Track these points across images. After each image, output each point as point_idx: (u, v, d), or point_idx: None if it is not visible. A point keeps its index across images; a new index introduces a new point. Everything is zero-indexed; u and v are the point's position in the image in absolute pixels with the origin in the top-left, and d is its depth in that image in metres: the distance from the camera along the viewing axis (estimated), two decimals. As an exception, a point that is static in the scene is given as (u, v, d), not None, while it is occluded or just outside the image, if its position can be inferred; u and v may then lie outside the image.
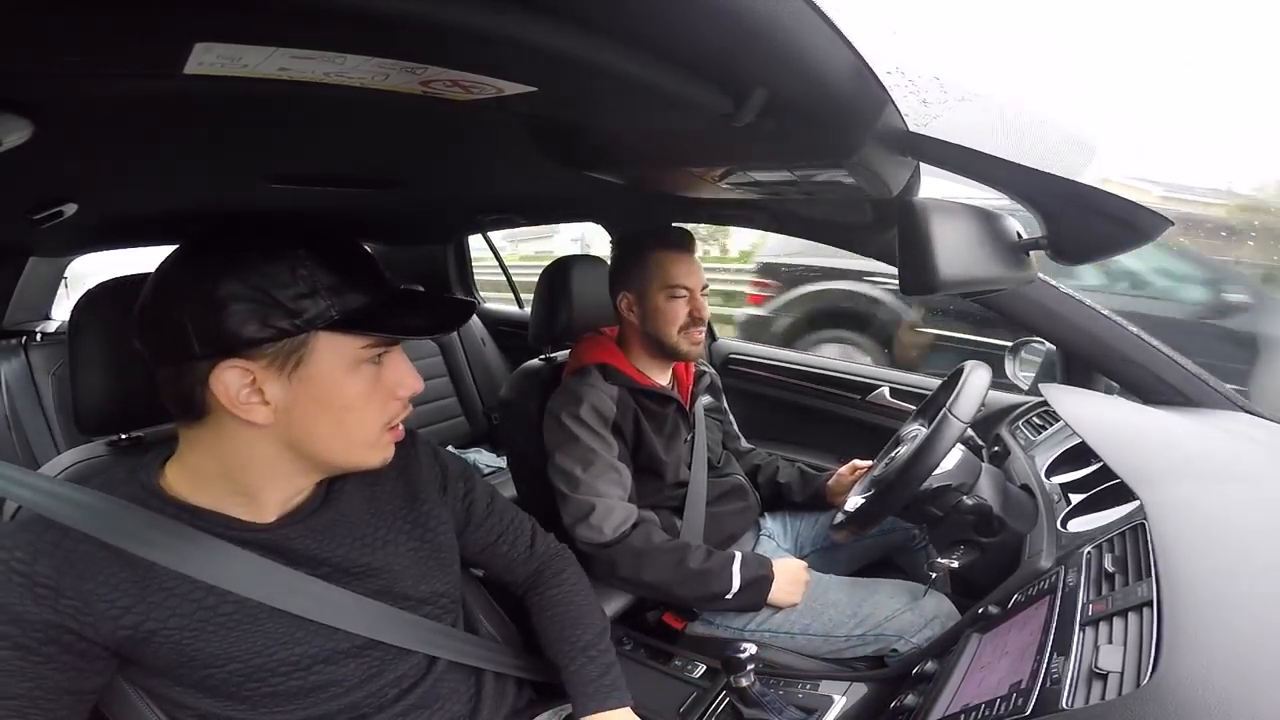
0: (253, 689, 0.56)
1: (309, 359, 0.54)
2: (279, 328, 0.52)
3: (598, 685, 0.75)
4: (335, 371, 0.55)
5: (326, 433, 0.57)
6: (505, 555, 0.81)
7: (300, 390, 0.54)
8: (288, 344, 0.53)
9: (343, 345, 0.55)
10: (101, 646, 0.52)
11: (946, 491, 0.90)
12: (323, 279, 0.54)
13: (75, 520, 0.52)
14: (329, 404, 0.56)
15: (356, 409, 0.57)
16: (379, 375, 0.58)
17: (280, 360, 0.53)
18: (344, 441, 0.58)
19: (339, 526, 0.63)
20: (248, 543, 0.57)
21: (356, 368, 0.56)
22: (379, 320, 0.56)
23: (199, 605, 0.54)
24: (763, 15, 0.37)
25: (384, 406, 0.59)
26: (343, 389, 0.56)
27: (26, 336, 1.71)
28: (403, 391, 0.60)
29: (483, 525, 0.79)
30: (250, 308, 0.51)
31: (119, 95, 0.42)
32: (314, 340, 0.53)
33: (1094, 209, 0.62)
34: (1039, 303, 1.05)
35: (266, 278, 0.52)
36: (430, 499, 0.71)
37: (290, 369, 0.53)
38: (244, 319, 0.51)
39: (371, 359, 0.57)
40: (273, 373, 0.53)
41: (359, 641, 0.61)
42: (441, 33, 0.34)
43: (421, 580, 0.68)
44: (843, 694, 0.89)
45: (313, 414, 0.55)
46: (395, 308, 0.58)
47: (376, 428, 0.59)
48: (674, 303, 1.09)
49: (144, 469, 0.58)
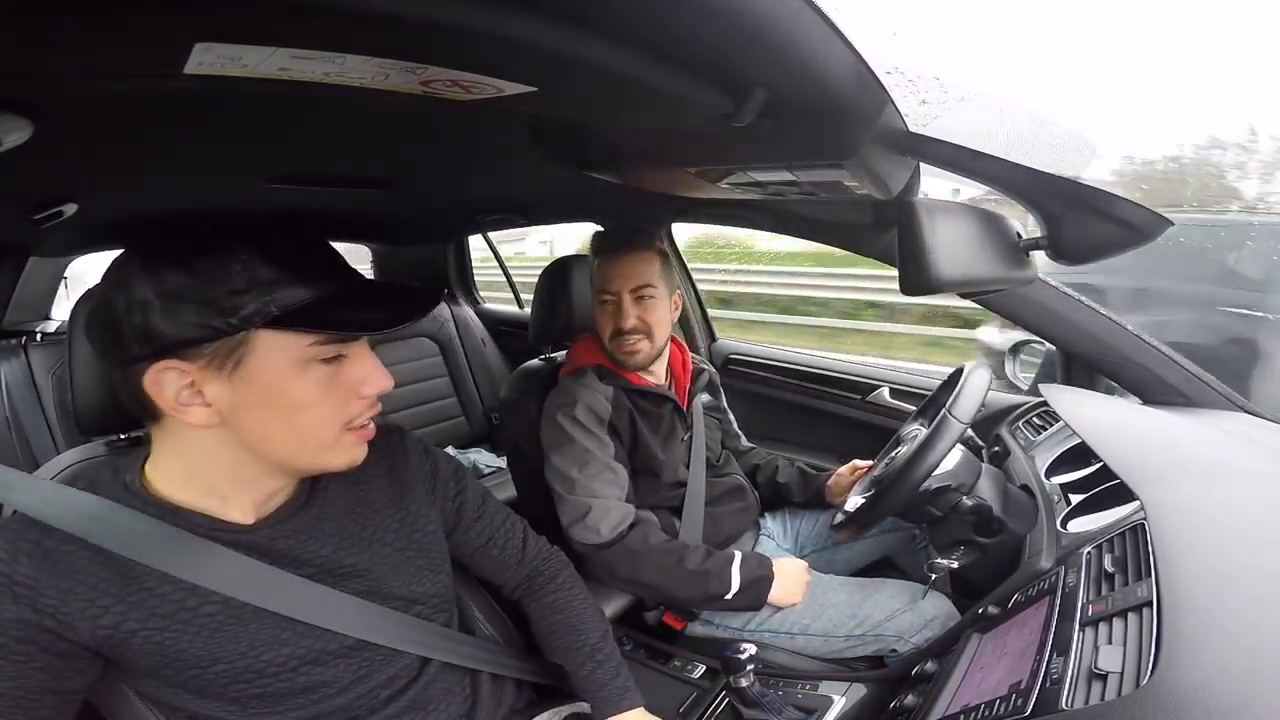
0: (240, 690, 0.56)
1: (249, 359, 0.51)
2: (212, 326, 0.49)
3: (611, 689, 0.75)
4: (279, 371, 0.52)
5: (278, 435, 0.54)
6: (496, 559, 0.80)
7: (244, 391, 0.52)
8: (225, 343, 0.50)
9: (286, 343, 0.52)
10: (81, 646, 0.52)
11: (946, 492, 0.90)
12: (262, 273, 0.51)
13: (58, 520, 0.52)
14: (277, 405, 0.53)
15: (308, 409, 0.54)
16: (337, 374, 0.55)
17: (219, 360, 0.51)
18: (297, 444, 0.56)
19: (323, 526, 0.62)
20: (230, 543, 0.56)
21: (305, 367, 0.53)
22: (324, 316, 0.53)
23: (180, 606, 0.54)
24: (762, 15, 0.37)
25: (342, 406, 0.56)
26: (290, 389, 0.53)
27: (26, 336, 1.71)
28: (367, 390, 0.57)
29: (472, 528, 0.77)
30: (182, 306, 0.49)
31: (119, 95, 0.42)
32: (254, 339, 0.51)
33: (1094, 209, 0.62)
34: (1039, 303, 1.05)
35: (199, 274, 0.49)
36: (418, 498, 0.70)
37: (230, 369, 0.51)
38: (175, 318, 0.49)
39: (322, 358, 0.54)
40: (211, 373, 0.51)
41: (348, 642, 0.61)
42: (441, 33, 0.34)
43: (411, 580, 0.67)
44: (842, 694, 0.89)
45: (260, 416, 0.53)
46: (346, 303, 0.55)
47: (333, 429, 0.56)
48: (602, 309, 1.07)
49: (127, 469, 0.58)
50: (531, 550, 0.83)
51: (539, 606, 0.81)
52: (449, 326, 2.23)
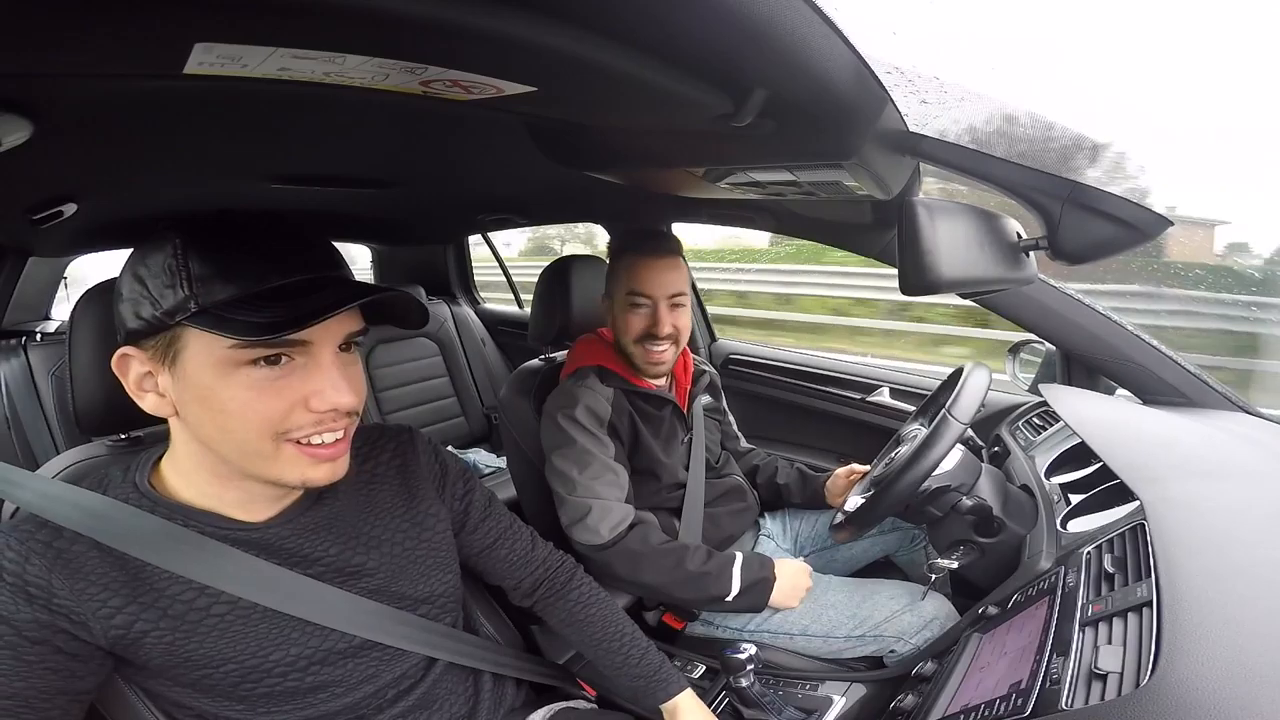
0: (249, 689, 0.56)
1: (183, 355, 0.51)
2: (144, 318, 0.50)
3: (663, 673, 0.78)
4: (207, 371, 0.51)
5: (214, 436, 0.53)
6: (503, 559, 0.80)
7: (182, 386, 0.52)
8: (162, 337, 0.51)
9: (211, 343, 0.50)
10: (94, 646, 0.52)
11: (946, 492, 0.90)
12: (195, 268, 0.49)
13: (69, 520, 0.52)
14: (206, 404, 0.52)
15: (235, 415, 0.51)
16: (278, 380, 0.52)
17: (160, 352, 0.52)
18: (233, 448, 0.53)
19: (332, 525, 0.62)
20: (238, 542, 0.57)
21: (237, 368, 0.50)
22: (246, 317, 0.49)
23: (190, 606, 0.54)
24: (763, 16, 0.37)
25: (277, 415, 0.52)
26: (217, 391, 0.51)
27: (26, 336, 1.71)
28: (317, 404, 0.52)
29: (479, 527, 0.78)
30: (135, 297, 0.51)
31: (119, 95, 0.42)
32: (184, 335, 0.50)
33: (1094, 209, 0.62)
34: (1039, 303, 1.05)
35: (146, 266, 0.51)
36: (428, 497, 0.71)
37: (170, 362, 0.52)
38: (129, 308, 0.51)
39: (253, 359, 0.50)
40: (156, 364, 0.52)
41: (356, 642, 0.61)
42: (442, 33, 0.34)
43: (419, 580, 0.67)
44: (842, 694, 0.89)
45: (196, 412, 0.53)
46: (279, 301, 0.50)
47: (265, 439, 0.52)
48: (632, 311, 1.04)
49: (137, 469, 0.58)
50: (540, 553, 0.82)
51: (565, 604, 0.81)
52: (449, 326, 2.23)
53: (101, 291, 0.66)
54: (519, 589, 0.82)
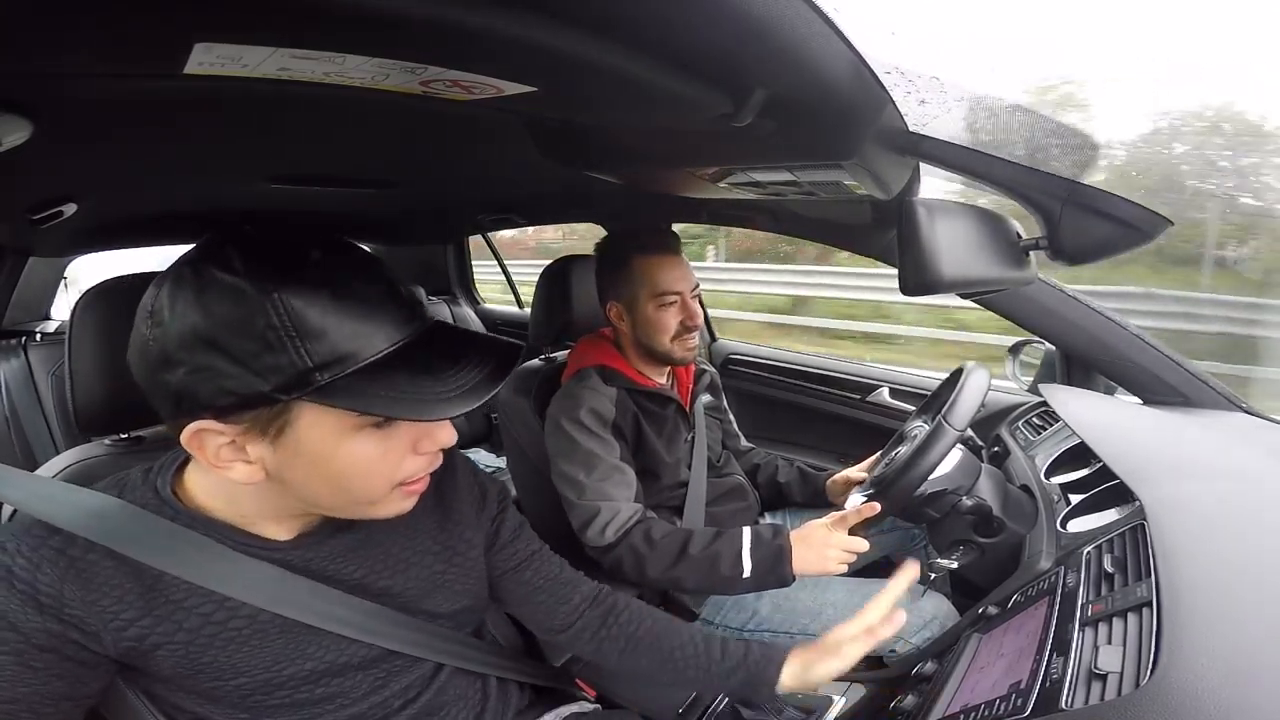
0: (259, 701, 0.55)
1: (293, 426, 0.46)
2: (243, 396, 0.43)
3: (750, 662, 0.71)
4: (328, 440, 0.47)
5: (324, 493, 0.51)
6: (529, 583, 0.75)
7: (288, 455, 0.47)
8: (263, 411, 0.45)
9: (334, 414, 0.45)
10: (104, 656, 0.51)
11: (946, 492, 0.90)
12: (307, 330, 0.42)
13: (79, 526, 0.50)
14: (322, 470, 0.48)
15: (358, 476, 0.49)
16: (391, 435, 0.49)
17: (260, 426, 0.46)
18: (346, 501, 0.52)
19: (361, 549, 0.60)
20: (264, 559, 0.55)
21: (358, 432, 0.47)
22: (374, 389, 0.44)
23: (207, 619, 0.53)
24: (762, 15, 0.37)
25: (397, 467, 0.51)
26: (339, 457, 0.48)
27: (26, 336, 1.71)
28: (427, 446, 0.52)
29: (507, 548, 0.74)
30: (210, 364, 0.42)
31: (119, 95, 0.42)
32: (296, 409, 0.45)
33: (1094, 209, 0.62)
34: (1039, 303, 1.05)
35: (228, 329, 0.42)
36: (465, 520, 0.68)
37: (273, 435, 0.46)
38: (204, 379, 0.43)
39: (377, 423, 0.48)
40: (253, 436, 0.46)
41: (371, 654, 0.60)
42: (442, 33, 0.34)
43: (443, 602, 0.65)
44: (842, 694, 0.89)
45: (306, 477, 0.49)
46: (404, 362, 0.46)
47: (385, 489, 0.52)
48: (664, 310, 1.05)
49: (159, 474, 0.56)
50: (570, 575, 0.77)
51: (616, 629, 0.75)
52: (449, 326, 2.23)
53: (102, 292, 0.66)
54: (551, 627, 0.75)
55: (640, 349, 1.11)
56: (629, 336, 1.11)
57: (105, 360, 0.65)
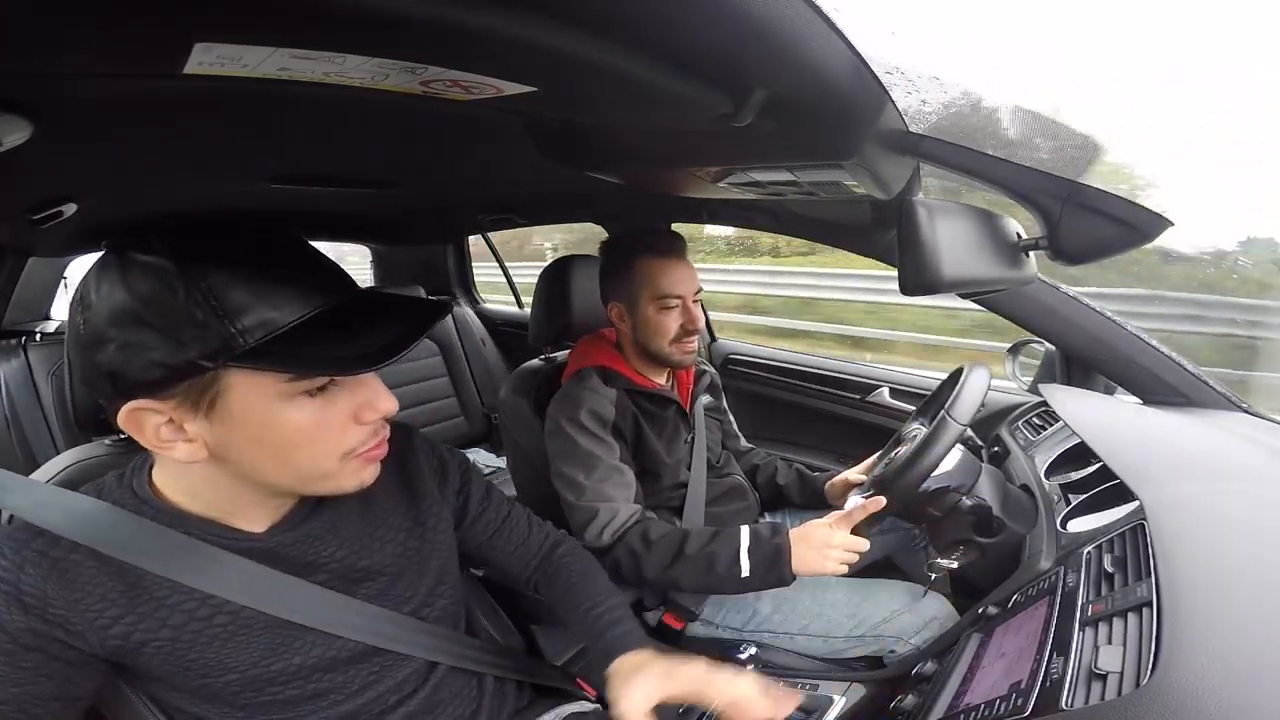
0: (250, 697, 0.56)
1: (225, 396, 0.46)
2: (167, 366, 0.43)
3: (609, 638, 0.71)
4: (260, 410, 0.47)
5: (272, 469, 0.51)
6: (502, 549, 0.79)
7: (225, 429, 0.47)
8: (194, 383, 0.45)
9: (261, 380, 0.46)
10: (91, 655, 0.51)
11: (946, 492, 0.90)
12: (229, 298, 0.44)
13: (63, 527, 0.50)
14: (263, 442, 0.49)
15: (300, 445, 0.49)
16: (331, 402, 0.50)
17: (192, 399, 0.46)
18: (295, 476, 0.52)
19: (334, 531, 0.61)
20: (241, 551, 0.55)
21: (291, 400, 0.48)
22: (301, 352, 0.46)
23: (191, 616, 0.53)
24: (762, 15, 0.37)
25: (340, 437, 0.51)
26: (275, 425, 0.48)
27: (26, 336, 1.71)
28: (368, 415, 0.53)
29: (479, 520, 0.77)
30: (138, 341, 0.43)
31: (119, 95, 0.42)
32: (225, 377, 0.45)
33: (1094, 209, 0.62)
34: (1039, 302, 1.05)
35: (151, 302, 0.43)
36: (430, 494, 0.70)
37: (206, 407, 0.46)
38: (133, 356, 0.43)
39: (309, 390, 0.48)
40: (186, 411, 0.46)
41: (359, 649, 0.60)
42: (442, 33, 0.34)
43: (421, 580, 0.67)
44: (842, 694, 0.89)
45: (249, 451, 0.49)
46: (329, 325, 0.48)
47: (332, 459, 0.52)
48: (665, 314, 1.05)
49: (133, 474, 0.56)
50: (537, 535, 0.82)
51: (547, 583, 0.80)
52: (449, 326, 2.23)
53: None
54: (521, 575, 0.81)
55: (640, 350, 1.10)
56: (629, 337, 1.10)
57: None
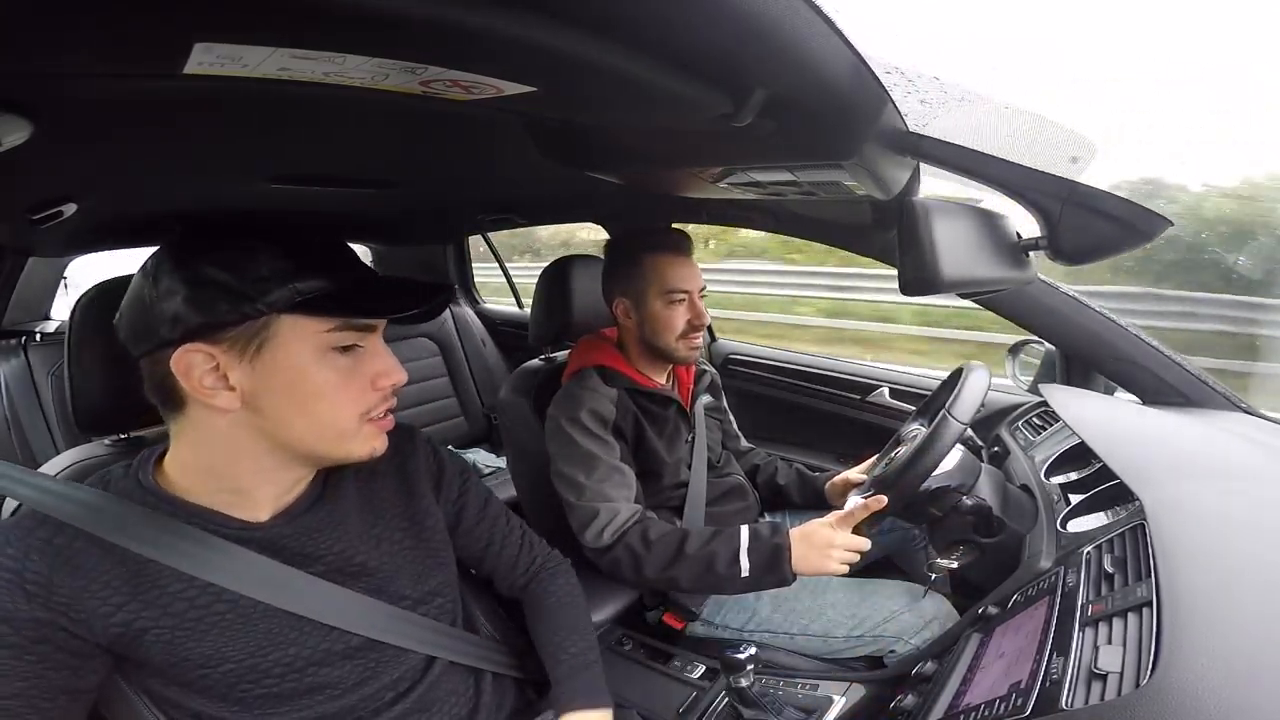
0: (246, 690, 0.56)
1: (271, 343, 0.53)
2: (239, 310, 0.52)
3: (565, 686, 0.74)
4: (300, 357, 0.54)
5: (298, 422, 0.56)
6: (493, 561, 0.81)
7: (265, 376, 0.54)
8: (248, 327, 0.52)
9: (306, 330, 0.54)
10: (94, 644, 0.52)
11: (946, 492, 0.90)
12: (284, 263, 0.54)
13: (69, 516, 0.52)
14: (295, 391, 0.55)
15: (326, 397, 0.56)
16: (354, 365, 0.57)
17: (242, 344, 0.53)
18: (316, 431, 0.57)
19: (334, 524, 0.63)
20: (243, 540, 0.57)
21: (324, 355, 0.55)
22: (343, 303, 0.55)
23: (191, 604, 0.54)
24: (762, 15, 0.37)
25: (360, 397, 0.58)
26: (308, 376, 0.55)
27: (26, 336, 1.72)
28: (383, 382, 0.59)
29: (473, 531, 0.78)
30: (212, 290, 0.51)
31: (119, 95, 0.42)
32: (275, 324, 0.53)
33: (1094, 209, 0.62)
34: (1039, 302, 1.05)
35: (226, 262, 0.52)
36: (426, 495, 0.72)
37: (252, 353, 0.53)
38: (205, 301, 0.51)
39: (340, 345, 0.56)
40: (234, 357, 0.53)
41: (355, 643, 0.61)
42: (441, 33, 0.34)
43: (418, 579, 0.67)
44: (842, 694, 0.89)
45: (280, 401, 0.55)
46: (362, 293, 0.58)
47: (351, 418, 0.58)
48: (672, 308, 1.06)
49: (139, 465, 0.58)
50: (528, 554, 0.84)
51: (528, 605, 0.83)
52: (449, 326, 2.23)
53: (102, 292, 0.66)
54: (508, 586, 0.84)
55: (644, 347, 1.11)
56: (634, 334, 1.11)
57: (105, 360, 0.65)
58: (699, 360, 1.27)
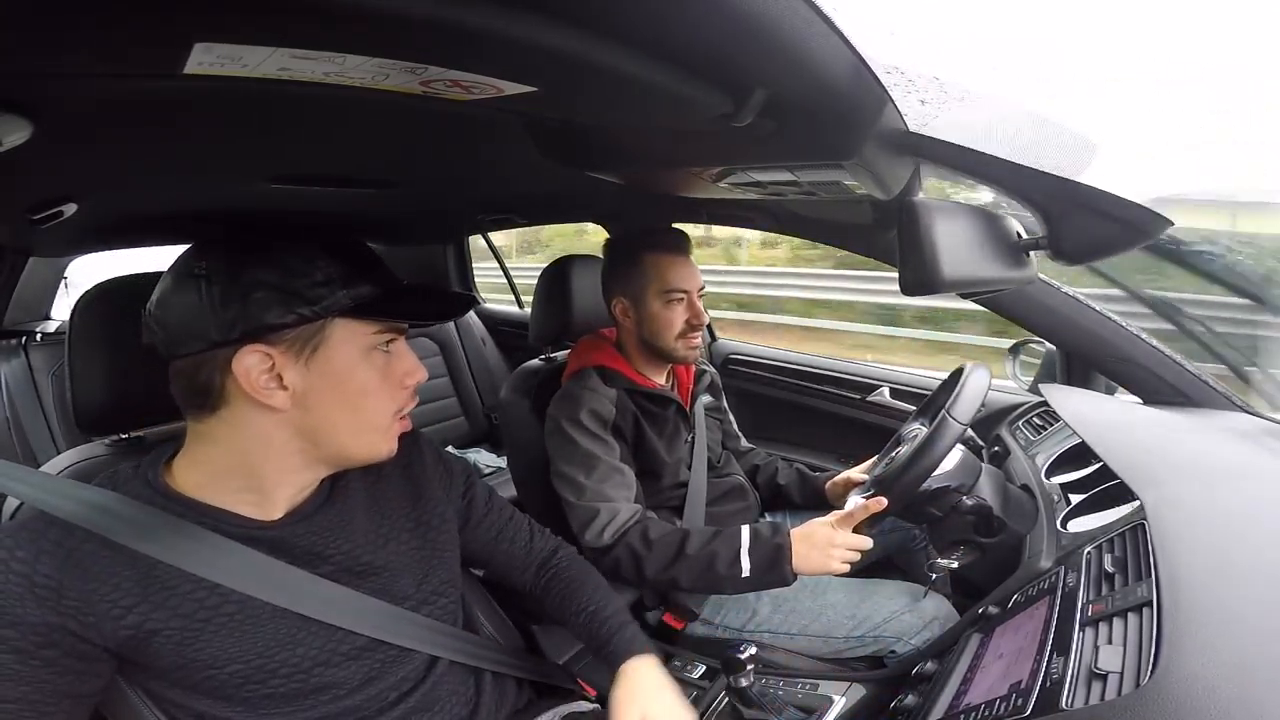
0: (253, 690, 0.56)
1: (325, 345, 0.56)
2: (299, 314, 0.54)
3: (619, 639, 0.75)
4: (350, 358, 0.58)
5: (342, 419, 0.59)
6: (506, 552, 0.83)
7: (317, 376, 0.56)
8: (306, 330, 0.55)
9: (356, 332, 0.58)
10: (102, 648, 0.52)
11: (946, 492, 0.90)
12: (337, 269, 0.57)
13: (78, 517, 0.52)
14: (344, 389, 0.58)
15: (369, 394, 0.59)
16: (388, 364, 0.61)
17: (299, 346, 0.55)
18: (358, 427, 0.60)
19: (342, 524, 0.63)
20: (252, 540, 0.57)
21: (369, 355, 0.59)
22: (390, 308, 0.60)
23: (200, 605, 0.54)
24: (762, 15, 0.37)
25: (394, 394, 0.62)
26: (356, 375, 0.58)
27: (26, 336, 1.72)
28: (410, 380, 0.63)
29: (482, 523, 0.80)
30: (272, 294, 0.53)
31: (119, 95, 0.42)
32: (330, 327, 0.56)
33: (1094, 209, 0.62)
34: (1039, 303, 1.05)
35: (287, 267, 0.55)
36: (434, 495, 0.73)
37: (308, 355, 0.56)
38: (266, 305, 0.53)
39: (381, 347, 0.60)
40: (290, 358, 0.55)
41: (360, 643, 0.61)
42: (441, 33, 0.34)
43: (422, 579, 0.68)
44: (842, 694, 0.89)
45: (329, 400, 0.57)
46: (402, 298, 0.62)
47: (389, 415, 0.62)
48: (671, 308, 1.06)
49: (149, 466, 0.58)
50: (540, 541, 0.86)
51: (546, 590, 0.83)
52: (449, 326, 2.23)
53: (102, 292, 0.66)
54: (523, 581, 0.84)
55: (644, 347, 1.11)
56: (633, 334, 1.11)
57: (105, 360, 0.65)
58: (699, 360, 1.27)
